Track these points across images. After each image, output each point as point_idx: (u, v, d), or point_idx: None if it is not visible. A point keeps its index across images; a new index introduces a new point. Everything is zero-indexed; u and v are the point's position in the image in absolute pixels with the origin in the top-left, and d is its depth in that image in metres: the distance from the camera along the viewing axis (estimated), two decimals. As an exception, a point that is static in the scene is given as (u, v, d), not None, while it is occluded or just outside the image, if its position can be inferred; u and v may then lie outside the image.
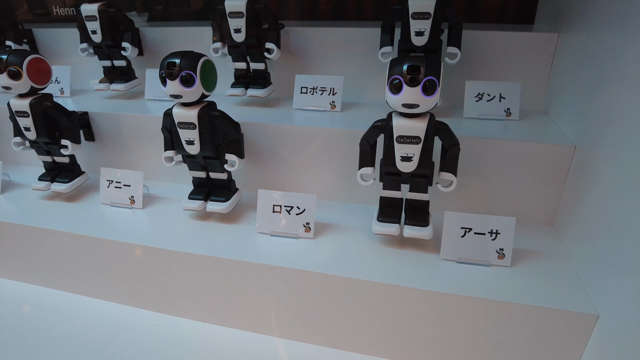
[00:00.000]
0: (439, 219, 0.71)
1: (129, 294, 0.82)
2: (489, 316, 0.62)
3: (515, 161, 0.76)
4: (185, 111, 0.71)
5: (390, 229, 0.69)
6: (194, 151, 0.74)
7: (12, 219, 0.85)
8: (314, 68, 1.01)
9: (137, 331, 0.77)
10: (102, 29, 0.97)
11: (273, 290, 0.71)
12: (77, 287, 0.86)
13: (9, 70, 0.78)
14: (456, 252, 0.68)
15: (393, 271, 0.66)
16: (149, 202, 0.88)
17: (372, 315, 0.67)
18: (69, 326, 0.79)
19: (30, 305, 0.84)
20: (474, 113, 0.85)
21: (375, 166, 0.70)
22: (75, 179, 0.90)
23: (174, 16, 1.29)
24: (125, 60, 1.03)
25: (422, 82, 0.58)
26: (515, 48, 0.89)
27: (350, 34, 0.98)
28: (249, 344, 0.73)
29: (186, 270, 0.75)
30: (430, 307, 0.64)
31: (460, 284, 0.63)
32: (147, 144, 0.96)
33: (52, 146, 0.87)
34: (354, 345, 0.70)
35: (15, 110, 0.82)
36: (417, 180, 0.67)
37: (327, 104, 0.91)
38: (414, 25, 0.79)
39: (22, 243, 0.86)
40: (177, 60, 0.66)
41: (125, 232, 0.79)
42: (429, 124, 0.62)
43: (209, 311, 0.77)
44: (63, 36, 1.20)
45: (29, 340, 0.75)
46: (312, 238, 0.74)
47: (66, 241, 0.82)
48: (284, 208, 0.74)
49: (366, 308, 0.67)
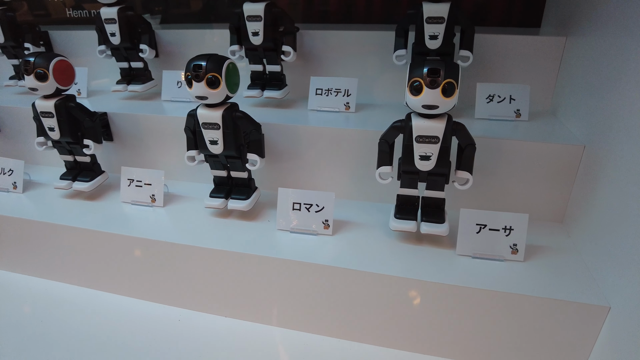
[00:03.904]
0: (452, 216, 0.74)
1: (151, 290, 0.84)
2: (503, 308, 0.65)
3: (525, 160, 0.79)
4: (210, 112, 0.73)
5: (408, 225, 0.71)
6: (217, 151, 0.76)
7: (36, 216, 0.88)
8: (327, 70, 1.03)
9: (159, 326, 0.79)
10: (121, 31, 0.99)
11: (294, 284, 0.73)
12: (100, 284, 0.88)
13: (36, 72, 0.80)
14: (471, 248, 0.70)
15: (411, 266, 0.69)
16: (168, 200, 0.90)
17: (391, 308, 0.70)
18: (91, 322, 0.81)
19: (54, 302, 0.86)
20: (485, 114, 0.88)
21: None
22: (95, 178, 0.92)
23: (185, 18, 1.31)
24: (142, 62, 1.05)
25: (442, 85, 0.60)
26: (524, 51, 0.92)
27: (361, 36, 1.00)
28: (269, 338, 0.76)
29: (208, 266, 0.77)
30: (447, 300, 0.67)
31: (476, 278, 0.66)
32: (165, 144, 0.98)
33: (74, 146, 0.89)
34: (374, 337, 0.73)
35: (41, 110, 0.84)
36: (435, 178, 0.69)
37: (342, 105, 0.93)
38: (428, 29, 0.82)
39: (45, 240, 0.88)
40: (203, 62, 0.69)
41: (147, 229, 0.81)
42: (447, 124, 0.64)
43: (230, 306, 0.80)
44: (78, 38, 1.22)
45: (54, 335, 0.78)
46: (330, 235, 0.77)
47: (89, 238, 0.84)
48: (304, 205, 0.77)
49: (385, 302, 0.70)
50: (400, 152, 0.69)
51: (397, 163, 0.71)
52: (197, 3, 1.28)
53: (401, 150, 0.69)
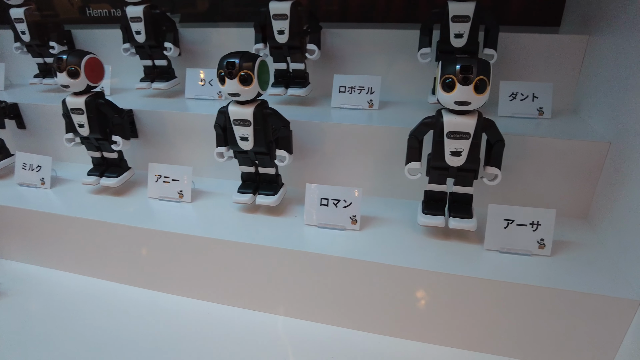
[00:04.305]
0: (476, 212, 0.75)
1: (180, 284, 0.85)
2: (531, 302, 0.66)
3: (549, 157, 0.80)
4: (241, 109, 0.74)
5: (436, 220, 0.72)
6: (247, 147, 0.77)
7: (65, 211, 0.89)
8: (348, 68, 1.05)
9: (188, 320, 0.80)
10: (146, 29, 1.01)
11: (322, 278, 0.75)
12: (129, 278, 0.89)
13: (68, 70, 0.82)
14: (499, 243, 0.71)
15: (439, 260, 0.70)
16: (195, 196, 0.91)
17: (420, 302, 0.71)
18: (119, 315, 0.82)
19: (83, 296, 0.88)
20: (508, 111, 0.89)
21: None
22: (123, 174, 0.94)
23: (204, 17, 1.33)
24: (166, 59, 1.07)
25: (474, 81, 0.62)
26: (545, 49, 0.93)
27: (382, 35, 1.01)
28: (297, 330, 0.77)
29: (237, 259, 0.79)
30: (475, 293, 0.68)
31: (504, 271, 0.67)
32: (189, 141, 1.00)
33: (102, 142, 0.90)
34: (404, 331, 0.74)
35: (71, 107, 0.86)
36: (464, 174, 0.70)
37: (365, 102, 0.94)
38: (454, 28, 0.83)
39: (74, 235, 0.90)
40: (236, 60, 0.70)
41: (175, 223, 0.83)
42: (478, 120, 0.66)
43: (258, 299, 0.81)
44: (100, 37, 1.24)
45: (82, 328, 0.79)
46: (358, 230, 0.78)
47: (118, 233, 0.85)
48: (331, 201, 0.78)
49: (414, 295, 0.71)
50: (429, 149, 0.71)
51: (427, 159, 0.72)
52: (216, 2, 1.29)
53: (431, 146, 0.70)
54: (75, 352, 0.74)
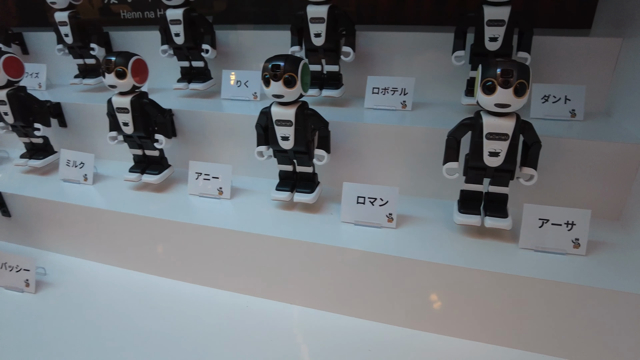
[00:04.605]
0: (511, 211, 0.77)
1: (219, 278, 0.89)
2: (567, 300, 0.67)
3: (582, 159, 0.81)
4: (284, 110, 0.77)
5: (473, 219, 0.74)
6: (288, 146, 0.80)
7: (107, 206, 0.94)
8: (379, 69, 1.07)
9: (228, 312, 0.84)
10: (185, 32, 1.04)
11: (359, 274, 0.77)
12: (169, 272, 0.93)
13: (116, 71, 0.85)
14: (534, 241, 0.73)
15: (475, 257, 0.72)
16: (234, 193, 0.95)
17: (456, 298, 0.73)
18: (159, 306, 0.86)
19: (124, 288, 0.92)
20: (540, 113, 0.90)
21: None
22: (163, 171, 0.98)
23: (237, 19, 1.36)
24: (203, 61, 1.10)
25: (514, 85, 0.63)
26: (577, 52, 0.94)
27: (413, 37, 1.03)
28: (333, 324, 0.80)
29: (275, 254, 0.82)
30: (511, 290, 0.69)
31: (539, 269, 0.69)
32: (225, 140, 1.03)
33: (145, 140, 0.94)
34: (440, 326, 0.76)
35: (117, 107, 0.90)
36: (501, 174, 0.72)
37: (398, 103, 0.97)
38: (489, 32, 0.85)
39: (116, 229, 0.94)
40: (281, 63, 0.73)
41: (216, 219, 0.86)
42: (516, 122, 0.68)
43: (295, 293, 0.84)
44: (135, 38, 1.28)
45: (124, 320, 0.83)
46: (394, 228, 0.80)
47: (159, 227, 0.89)
48: (368, 199, 0.81)
49: (450, 292, 0.73)
50: (466, 149, 0.73)
51: (465, 159, 0.74)
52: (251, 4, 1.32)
53: (469, 146, 0.72)
54: (114, 339, 0.78)
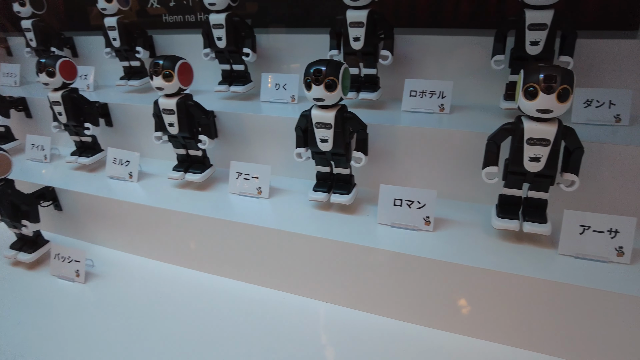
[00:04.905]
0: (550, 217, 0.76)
1: (257, 274, 0.92)
2: (609, 309, 0.66)
3: (626, 165, 0.79)
4: (324, 113, 0.79)
5: (512, 224, 0.74)
6: (326, 148, 0.82)
7: (152, 202, 0.98)
8: (417, 72, 1.07)
9: (266, 307, 0.86)
10: (227, 36, 1.08)
11: (395, 275, 0.78)
12: (209, 267, 0.97)
13: (163, 74, 0.89)
14: (574, 248, 0.72)
15: (514, 262, 0.72)
16: (272, 193, 0.97)
17: (492, 303, 0.73)
18: (199, 299, 0.90)
19: (165, 281, 0.96)
20: (582, 118, 0.89)
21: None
22: (205, 170, 1.01)
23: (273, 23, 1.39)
24: (243, 64, 1.14)
25: (557, 90, 0.63)
26: (624, 55, 0.92)
27: (450, 40, 1.03)
28: (367, 323, 0.81)
29: (312, 253, 0.84)
30: (550, 296, 0.69)
31: (581, 276, 0.68)
32: (264, 141, 1.06)
33: (189, 140, 0.98)
34: (476, 330, 0.76)
35: (163, 108, 0.94)
36: (541, 179, 0.72)
37: (436, 106, 0.97)
38: (530, 36, 0.84)
39: (160, 225, 0.98)
40: (323, 67, 0.75)
41: (255, 217, 0.89)
42: (558, 128, 0.67)
43: (331, 292, 0.86)
44: (176, 41, 1.33)
45: (164, 309, 0.87)
46: (431, 231, 0.81)
47: (201, 224, 0.93)
48: (405, 202, 0.82)
49: (487, 296, 0.73)
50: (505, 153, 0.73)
51: (505, 163, 0.74)
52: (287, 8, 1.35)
53: (509, 151, 0.72)
54: (155, 329, 0.82)
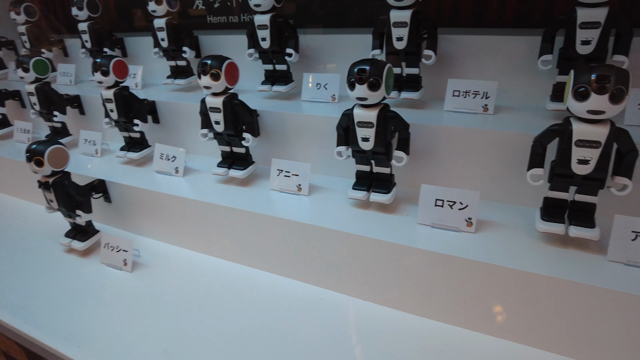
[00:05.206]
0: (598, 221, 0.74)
1: (295, 269, 0.93)
2: (661, 318, 0.64)
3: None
4: (366, 112, 0.80)
5: (557, 228, 0.73)
6: (367, 147, 0.83)
7: (197, 197, 1.01)
8: (459, 72, 1.06)
9: (303, 302, 0.88)
10: (271, 36, 1.10)
11: (435, 276, 0.78)
12: (249, 260, 0.99)
13: (211, 73, 0.93)
14: (625, 255, 0.70)
15: (559, 266, 0.70)
16: (311, 190, 0.99)
17: (535, 307, 0.72)
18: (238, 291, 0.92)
19: (208, 272, 0.99)
20: (636, 120, 0.86)
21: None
22: (248, 167, 1.04)
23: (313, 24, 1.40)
24: (286, 64, 1.16)
25: (611, 91, 0.61)
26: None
27: (494, 40, 1.01)
28: (407, 324, 0.81)
29: (351, 251, 0.85)
30: (598, 303, 0.67)
31: (631, 284, 0.66)
32: (304, 140, 1.08)
33: (233, 138, 1.01)
34: (518, 335, 0.75)
35: (210, 106, 0.98)
36: (590, 182, 0.70)
37: (480, 106, 0.96)
38: (581, 35, 0.81)
39: (204, 218, 1.02)
40: (367, 67, 0.76)
41: (295, 213, 0.91)
42: (610, 129, 0.65)
43: (368, 290, 0.86)
44: (220, 42, 1.38)
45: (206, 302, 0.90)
46: (473, 232, 0.80)
47: (244, 218, 0.95)
48: (447, 202, 0.81)
49: (529, 300, 0.72)
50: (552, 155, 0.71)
51: (551, 165, 0.73)
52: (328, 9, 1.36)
53: (555, 153, 0.70)
54: (195, 318, 0.85)
